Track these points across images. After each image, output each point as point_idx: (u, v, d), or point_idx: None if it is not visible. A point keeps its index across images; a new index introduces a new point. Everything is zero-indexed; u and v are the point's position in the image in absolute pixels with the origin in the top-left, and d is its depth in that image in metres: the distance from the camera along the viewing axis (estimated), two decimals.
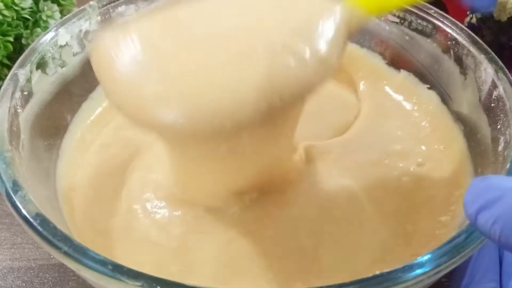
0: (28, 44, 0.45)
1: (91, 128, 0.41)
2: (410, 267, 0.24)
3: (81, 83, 0.41)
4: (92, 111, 0.42)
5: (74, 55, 0.40)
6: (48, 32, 0.38)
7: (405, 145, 0.39)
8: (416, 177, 0.37)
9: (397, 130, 0.41)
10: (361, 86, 0.45)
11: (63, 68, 0.39)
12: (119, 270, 0.24)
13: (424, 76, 0.43)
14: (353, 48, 0.46)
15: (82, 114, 0.41)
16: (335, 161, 0.38)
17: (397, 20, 0.43)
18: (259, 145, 0.31)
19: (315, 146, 0.38)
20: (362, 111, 0.42)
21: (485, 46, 0.37)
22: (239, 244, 0.33)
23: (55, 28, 0.38)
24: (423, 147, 0.39)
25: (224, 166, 0.32)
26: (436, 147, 0.39)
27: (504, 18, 0.49)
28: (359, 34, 0.46)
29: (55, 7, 0.49)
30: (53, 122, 0.38)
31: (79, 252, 0.25)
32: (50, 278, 0.38)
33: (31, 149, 0.33)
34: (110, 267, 0.24)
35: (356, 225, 0.34)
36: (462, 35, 0.38)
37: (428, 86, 0.42)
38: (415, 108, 0.42)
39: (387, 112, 0.43)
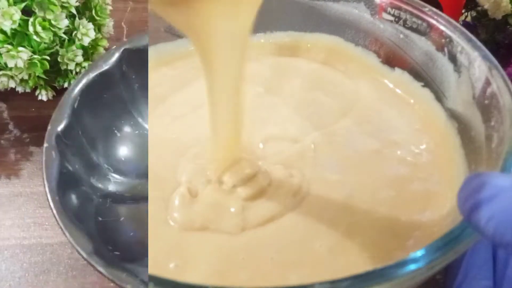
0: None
1: None
2: (403, 263, 0.24)
3: None
4: None
5: None
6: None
7: (402, 135, 0.40)
8: (413, 168, 0.37)
9: (394, 120, 0.41)
10: (357, 77, 0.45)
11: None
12: None
13: (419, 74, 0.43)
14: (347, 46, 0.47)
15: None
16: (337, 150, 0.38)
17: (392, 18, 0.43)
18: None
19: (319, 136, 0.39)
20: (360, 97, 0.43)
21: (479, 43, 0.37)
22: (238, 238, 0.32)
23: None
24: (419, 140, 0.39)
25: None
26: (431, 142, 0.39)
27: (499, 16, 0.49)
28: (353, 32, 0.46)
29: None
30: None
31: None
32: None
33: None
34: None
35: (354, 217, 0.34)
36: (456, 32, 0.38)
37: (422, 84, 0.42)
38: (411, 101, 0.43)
39: (384, 100, 0.43)
